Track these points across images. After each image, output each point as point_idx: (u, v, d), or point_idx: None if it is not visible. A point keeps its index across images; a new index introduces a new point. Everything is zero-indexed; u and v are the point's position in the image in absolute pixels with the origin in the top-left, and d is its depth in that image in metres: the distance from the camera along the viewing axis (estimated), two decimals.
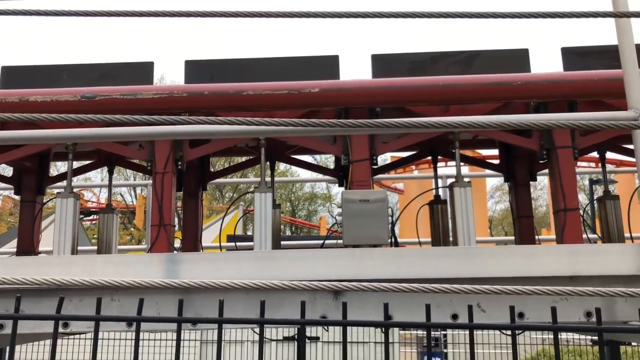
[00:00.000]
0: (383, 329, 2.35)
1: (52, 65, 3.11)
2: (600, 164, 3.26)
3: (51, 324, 2.04)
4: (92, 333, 1.35)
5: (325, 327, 5.37)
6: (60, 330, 2.01)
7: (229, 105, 2.74)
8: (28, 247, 3.13)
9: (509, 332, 3.13)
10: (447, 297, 2.05)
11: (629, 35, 1.90)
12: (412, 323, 1.65)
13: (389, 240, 2.67)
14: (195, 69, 3.01)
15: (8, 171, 3.36)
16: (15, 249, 3.43)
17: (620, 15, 1.68)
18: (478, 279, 2.08)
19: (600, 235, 3.00)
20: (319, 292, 2.06)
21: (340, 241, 2.47)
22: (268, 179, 3.08)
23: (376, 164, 2.77)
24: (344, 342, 1.31)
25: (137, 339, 1.30)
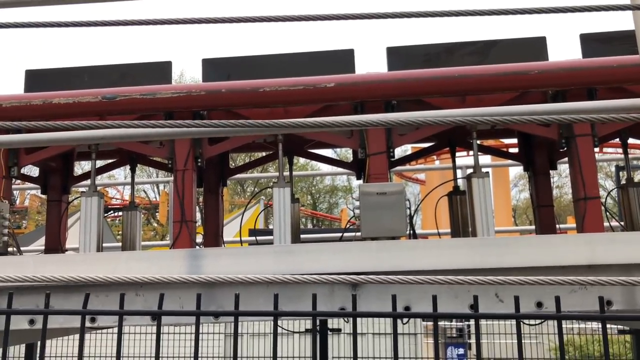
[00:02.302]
0: (403, 320, 2.38)
1: (73, 67, 3.19)
2: (623, 151, 3.22)
3: (79, 319, 2.12)
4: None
5: (346, 319, 5.41)
6: (88, 324, 2.09)
7: (247, 102, 2.78)
8: (55, 244, 3.22)
9: (529, 322, 3.12)
10: (465, 287, 2.06)
11: None
12: (421, 314, 1.67)
13: (407, 232, 2.69)
14: (213, 67, 3.05)
15: (34, 171, 3.46)
16: (43, 247, 3.54)
17: (639, 7, 1.66)
18: (497, 269, 2.09)
19: (622, 223, 2.97)
20: (337, 285, 2.09)
21: (359, 234, 2.50)
22: (286, 173, 3.12)
23: (393, 157, 2.78)
24: (354, 334, 1.34)
25: (158, 332, 1.35)
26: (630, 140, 3.17)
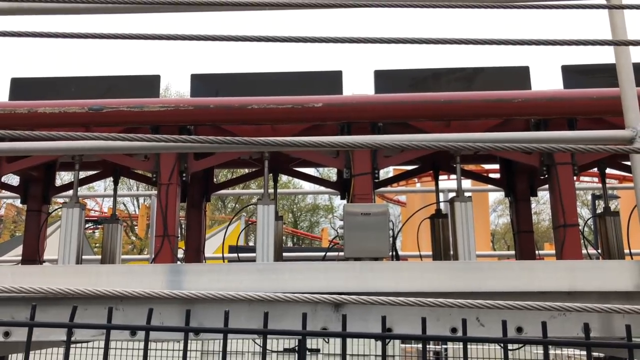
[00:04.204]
0: (382, 341, 2.37)
1: (60, 77, 3.17)
2: (600, 180, 3.29)
3: (56, 332, 2.07)
4: (98, 341, 1.39)
5: (326, 340, 5.37)
6: (65, 338, 2.04)
7: (234, 119, 2.78)
8: (33, 255, 3.16)
9: (509, 347, 3.14)
10: (447, 310, 2.07)
11: (626, 56, 1.94)
12: (409, 335, 1.67)
13: (390, 254, 2.70)
14: (201, 83, 3.06)
15: (13, 180, 3.41)
16: (18, 257, 3.46)
17: (620, 43, 1.73)
18: (477, 293, 2.10)
19: (600, 251, 3.02)
20: (320, 305, 2.09)
21: (341, 253, 2.50)
22: (271, 190, 3.12)
23: (378, 178, 2.80)
24: (343, 354, 1.33)
25: (145, 348, 1.33)
26: (608, 170, 3.24)
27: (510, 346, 3.26)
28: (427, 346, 10.29)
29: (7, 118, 2.73)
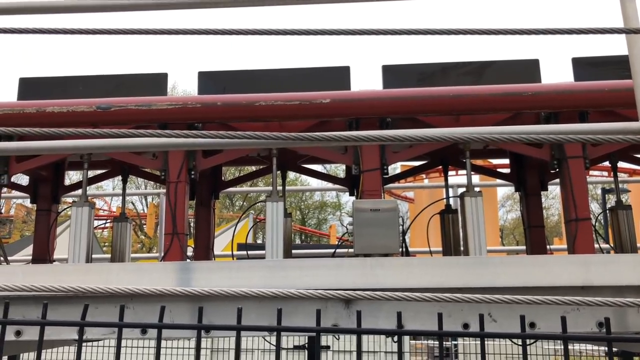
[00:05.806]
0: (395, 338, 2.35)
1: (68, 76, 3.17)
2: (612, 174, 3.25)
3: (67, 331, 2.08)
4: (108, 340, 1.38)
5: (337, 336, 5.37)
6: (76, 337, 2.04)
7: (242, 116, 2.78)
8: (43, 254, 3.18)
9: (520, 342, 3.12)
10: (458, 306, 2.05)
11: (639, 45, 1.91)
12: (425, 331, 1.66)
13: (400, 250, 2.68)
14: (209, 80, 3.05)
15: (23, 180, 3.42)
16: (28, 257, 3.47)
17: (632, 31, 1.70)
18: (489, 288, 2.09)
19: (612, 245, 2.99)
20: (330, 301, 2.08)
21: (351, 250, 2.49)
22: (279, 187, 3.11)
23: (387, 174, 2.79)
24: (359, 350, 1.32)
25: (158, 346, 1.32)
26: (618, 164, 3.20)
27: (520, 341, 3.23)
28: (437, 342, 10.26)
29: (16, 118, 2.73)
